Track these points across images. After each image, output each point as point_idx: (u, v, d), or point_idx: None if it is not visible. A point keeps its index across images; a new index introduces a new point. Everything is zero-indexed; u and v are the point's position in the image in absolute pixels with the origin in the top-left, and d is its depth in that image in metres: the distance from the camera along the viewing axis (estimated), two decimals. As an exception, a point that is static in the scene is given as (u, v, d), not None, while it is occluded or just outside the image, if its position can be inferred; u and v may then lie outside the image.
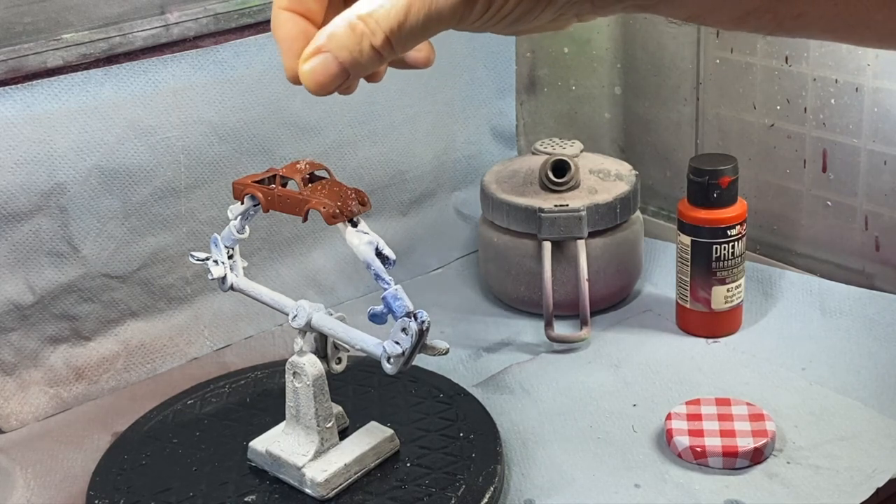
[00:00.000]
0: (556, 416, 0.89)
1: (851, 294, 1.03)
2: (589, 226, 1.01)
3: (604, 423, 0.88)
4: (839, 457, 0.81)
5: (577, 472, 0.82)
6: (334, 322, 0.76)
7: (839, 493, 0.77)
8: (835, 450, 0.82)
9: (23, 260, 0.92)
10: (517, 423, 0.88)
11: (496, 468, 0.79)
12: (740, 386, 0.91)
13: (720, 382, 0.92)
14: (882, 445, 0.82)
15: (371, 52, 0.42)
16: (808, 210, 1.09)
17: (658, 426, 0.86)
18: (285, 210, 0.76)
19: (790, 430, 0.85)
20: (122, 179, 0.95)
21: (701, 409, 0.85)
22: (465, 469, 0.79)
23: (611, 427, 0.87)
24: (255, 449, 0.81)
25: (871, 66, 0.99)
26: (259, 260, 1.07)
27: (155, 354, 1.01)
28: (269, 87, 1.01)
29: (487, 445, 0.82)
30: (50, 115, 0.90)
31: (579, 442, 0.85)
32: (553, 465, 0.83)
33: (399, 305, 0.68)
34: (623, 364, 0.97)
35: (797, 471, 0.80)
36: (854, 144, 1.03)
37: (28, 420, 0.93)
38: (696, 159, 0.99)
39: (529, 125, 1.30)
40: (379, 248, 0.70)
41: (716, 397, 0.87)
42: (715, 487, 0.79)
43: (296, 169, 0.75)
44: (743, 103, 1.11)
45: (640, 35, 1.21)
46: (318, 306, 0.77)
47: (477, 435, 0.83)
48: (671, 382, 0.93)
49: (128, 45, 0.94)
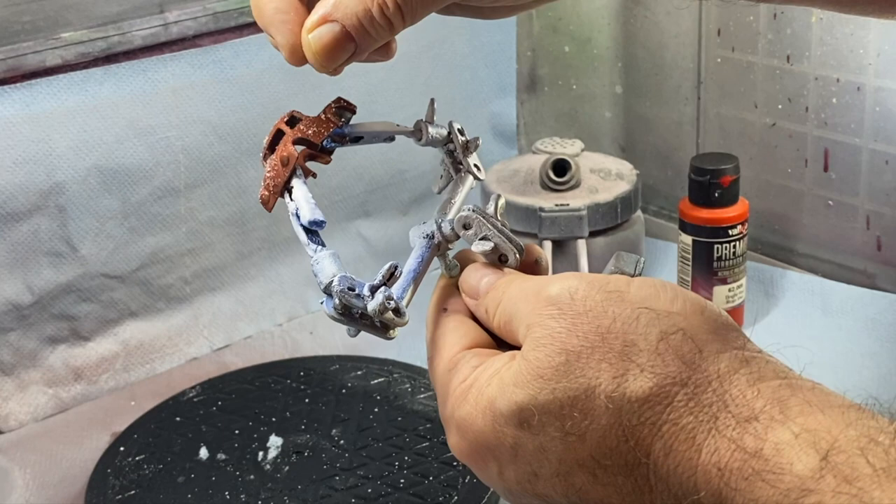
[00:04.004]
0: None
1: (853, 294, 1.02)
2: (590, 225, 1.00)
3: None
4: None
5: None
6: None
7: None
8: (836, 450, 0.82)
9: (21, 260, 0.91)
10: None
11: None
12: (741, 386, 0.91)
13: (721, 382, 0.92)
14: (884, 446, 0.82)
15: (382, 20, 0.41)
16: (809, 209, 1.09)
17: (659, 426, 0.86)
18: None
19: (792, 431, 0.84)
20: (122, 179, 0.95)
21: (702, 409, 0.85)
22: (465, 474, 0.79)
23: (611, 427, 0.87)
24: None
25: (872, 65, 0.99)
26: (259, 260, 1.07)
27: (154, 354, 1.00)
28: (269, 87, 1.01)
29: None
30: (49, 114, 0.90)
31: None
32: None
33: (318, 281, 0.52)
34: (624, 364, 0.96)
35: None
36: (856, 144, 1.02)
37: (27, 420, 0.93)
38: (697, 158, 0.99)
39: (530, 124, 1.30)
40: (298, 217, 0.53)
41: (717, 397, 0.87)
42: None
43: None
44: (744, 102, 1.11)
45: (640, 34, 1.20)
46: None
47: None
48: (672, 382, 0.93)
49: (127, 45, 0.94)
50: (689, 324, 0.43)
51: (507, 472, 0.45)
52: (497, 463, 0.46)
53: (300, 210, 0.52)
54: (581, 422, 0.42)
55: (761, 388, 0.41)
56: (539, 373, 0.43)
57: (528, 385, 0.43)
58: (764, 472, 0.38)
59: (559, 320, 0.44)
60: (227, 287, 1.05)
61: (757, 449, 0.38)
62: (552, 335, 0.43)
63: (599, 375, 0.42)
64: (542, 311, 0.44)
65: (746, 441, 0.39)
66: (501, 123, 1.24)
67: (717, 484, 0.39)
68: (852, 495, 0.35)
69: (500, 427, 0.44)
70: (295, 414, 0.89)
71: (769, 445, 0.38)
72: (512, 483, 0.46)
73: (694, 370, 0.42)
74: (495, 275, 0.50)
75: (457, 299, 0.51)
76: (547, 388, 0.43)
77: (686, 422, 0.40)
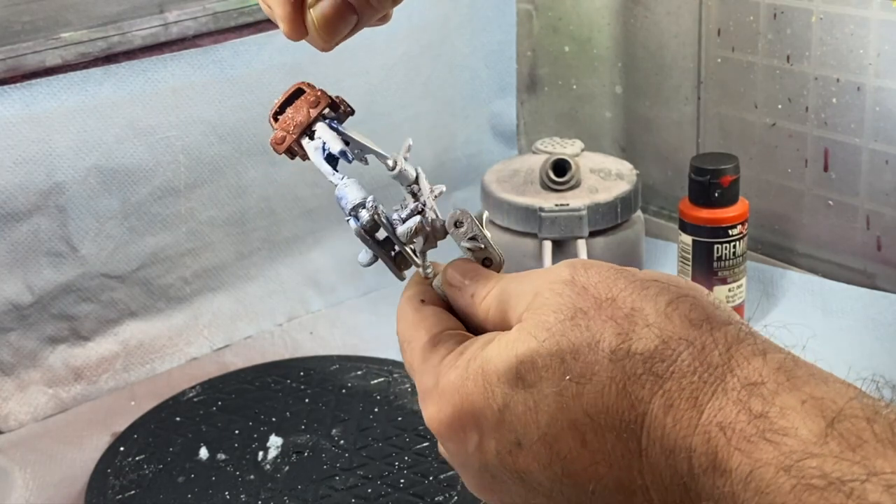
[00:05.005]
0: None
1: (853, 294, 1.02)
2: (590, 225, 1.00)
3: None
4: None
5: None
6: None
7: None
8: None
9: (21, 260, 0.91)
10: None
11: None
12: (741, 386, 0.91)
13: (721, 382, 0.92)
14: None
15: None
16: (809, 209, 1.09)
17: (659, 426, 0.86)
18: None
19: (792, 431, 0.84)
20: (122, 179, 0.95)
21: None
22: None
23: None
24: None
25: (872, 65, 0.99)
26: (259, 260, 1.07)
27: (154, 354, 1.00)
28: (269, 87, 1.01)
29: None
30: (49, 114, 0.90)
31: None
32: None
33: (344, 203, 0.52)
34: (624, 364, 0.96)
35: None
36: (856, 144, 1.02)
37: (27, 420, 0.93)
38: (697, 158, 0.99)
39: (530, 124, 1.30)
40: (327, 149, 0.53)
41: (717, 397, 0.87)
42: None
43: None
44: (744, 102, 1.11)
45: (641, 34, 1.20)
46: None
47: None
48: (672, 382, 0.93)
49: (127, 45, 0.94)
50: (697, 296, 0.44)
51: (488, 442, 0.44)
52: (478, 432, 0.44)
53: (329, 143, 0.53)
54: (580, 375, 0.41)
55: (767, 358, 0.41)
56: (545, 325, 0.43)
57: (531, 338, 0.43)
58: (769, 432, 0.37)
59: (570, 286, 0.44)
60: (227, 287, 1.05)
61: (763, 411, 0.38)
62: (560, 297, 0.43)
63: (604, 331, 0.42)
64: (551, 281, 0.45)
65: (753, 403, 0.38)
66: (501, 123, 1.24)
67: (716, 443, 0.38)
68: (854, 462, 0.35)
69: (492, 387, 0.43)
70: (295, 414, 0.89)
71: (775, 409, 0.38)
72: (491, 455, 0.44)
73: (701, 332, 0.42)
74: (483, 269, 0.50)
75: (433, 294, 0.51)
76: (550, 340, 0.42)
77: (690, 380, 0.40)
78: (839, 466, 0.35)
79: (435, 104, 1.15)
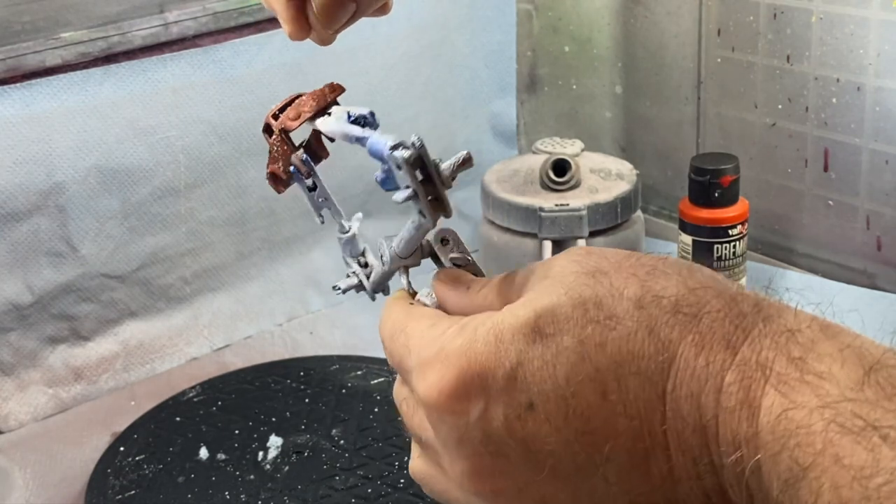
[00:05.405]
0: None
1: (853, 294, 1.02)
2: (590, 225, 1.00)
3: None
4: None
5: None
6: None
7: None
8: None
9: (21, 260, 0.91)
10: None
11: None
12: (741, 386, 0.91)
13: (721, 382, 0.92)
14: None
15: None
16: (809, 209, 1.09)
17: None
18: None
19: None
20: (122, 179, 0.95)
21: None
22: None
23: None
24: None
25: (872, 65, 0.99)
26: (259, 260, 1.07)
27: (154, 354, 1.00)
28: (269, 87, 1.01)
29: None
30: (49, 114, 0.90)
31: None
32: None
33: (379, 148, 0.52)
34: (624, 364, 0.96)
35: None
36: (856, 144, 1.02)
37: (27, 420, 0.93)
38: (697, 158, 0.99)
39: (530, 124, 1.30)
40: (350, 115, 0.55)
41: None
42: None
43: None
44: (744, 102, 1.11)
45: (640, 34, 1.20)
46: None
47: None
48: (672, 382, 0.93)
49: (127, 44, 0.94)
50: (714, 272, 0.44)
51: (495, 408, 0.41)
52: (485, 397, 0.41)
53: (351, 109, 0.53)
54: (607, 319, 0.40)
55: (798, 311, 0.41)
56: (563, 283, 0.42)
57: (550, 294, 0.42)
58: (808, 374, 0.37)
59: (585, 255, 0.44)
60: (227, 287, 1.05)
61: (801, 356, 0.38)
62: (577, 263, 0.43)
63: (628, 284, 0.41)
64: (564, 254, 0.44)
65: (791, 348, 0.38)
66: (501, 123, 1.24)
67: (749, 382, 0.37)
68: (889, 410, 0.35)
69: (505, 345, 0.41)
70: (295, 414, 0.89)
71: (813, 355, 0.38)
72: (497, 423, 0.41)
73: (728, 286, 0.41)
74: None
75: (420, 304, 0.51)
76: (572, 292, 0.41)
77: (721, 324, 0.39)
78: (875, 413, 0.35)
79: (435, 104, 1.15)
